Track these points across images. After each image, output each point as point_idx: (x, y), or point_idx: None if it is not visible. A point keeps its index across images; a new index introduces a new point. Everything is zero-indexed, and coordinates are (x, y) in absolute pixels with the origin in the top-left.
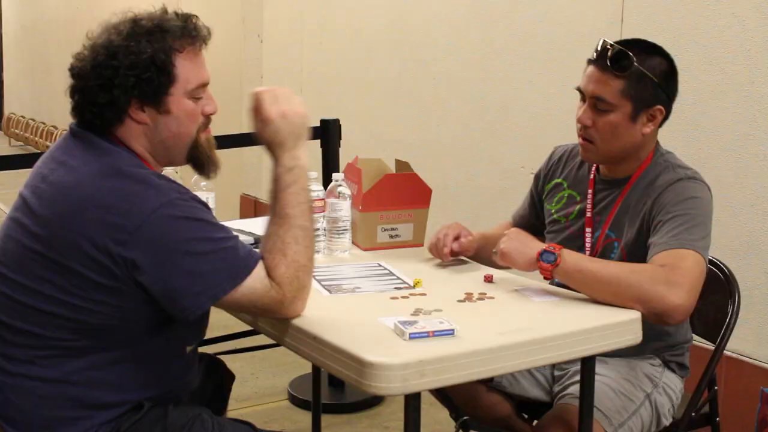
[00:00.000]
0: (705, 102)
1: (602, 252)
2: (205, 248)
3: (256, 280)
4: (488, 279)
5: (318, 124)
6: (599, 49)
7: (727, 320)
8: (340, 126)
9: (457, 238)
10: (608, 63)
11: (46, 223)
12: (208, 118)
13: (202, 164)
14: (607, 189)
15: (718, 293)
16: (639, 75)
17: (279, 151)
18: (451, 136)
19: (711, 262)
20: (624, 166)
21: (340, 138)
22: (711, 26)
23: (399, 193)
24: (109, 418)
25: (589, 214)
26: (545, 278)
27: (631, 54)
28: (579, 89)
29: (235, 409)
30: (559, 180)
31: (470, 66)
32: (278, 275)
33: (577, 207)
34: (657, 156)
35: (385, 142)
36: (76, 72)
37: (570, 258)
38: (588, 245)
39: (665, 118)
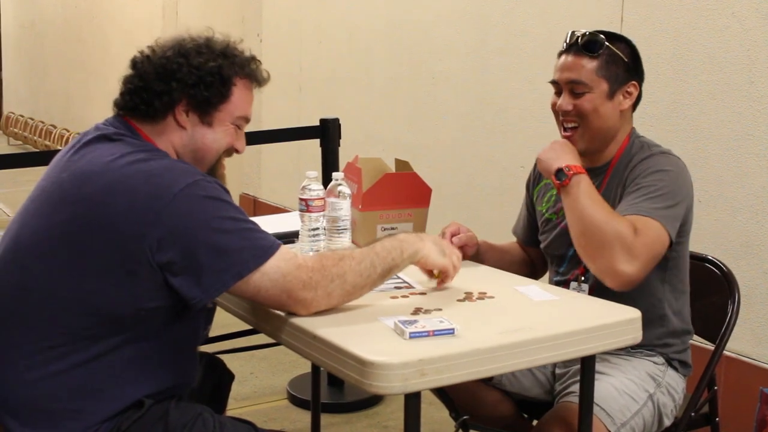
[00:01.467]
0: (704, 102)
1: None
2: (230, 226)
3: (280, 260)
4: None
5: (317, 124)
6: (569, 38)
7: (727, 320)
8: (339, 125)
9: (454, 235)
10: (581, 47)
11: (70, 208)
12: (232, 151)
13: None
14: (591, 179)
15: (718, 293)
16: (611, 55)
17: (418, 241)
18: (450, 136)
19: (711, 261)
20: (604, 152)
21: (339, 137)
22: (711, 26)
23: (399, 193)
24: (111, 413)
25: None
26: (557, 192)
27: (602, 36)
28: (553, 82)
29: (234, 409)
30: (547, 181)
31: (469, 65)
32: (321, 262)
33: None
34: (633, 138)
35: (383, 142)
36: (138, 61)
37: (576, 184)
38: None
39: (639, 97)
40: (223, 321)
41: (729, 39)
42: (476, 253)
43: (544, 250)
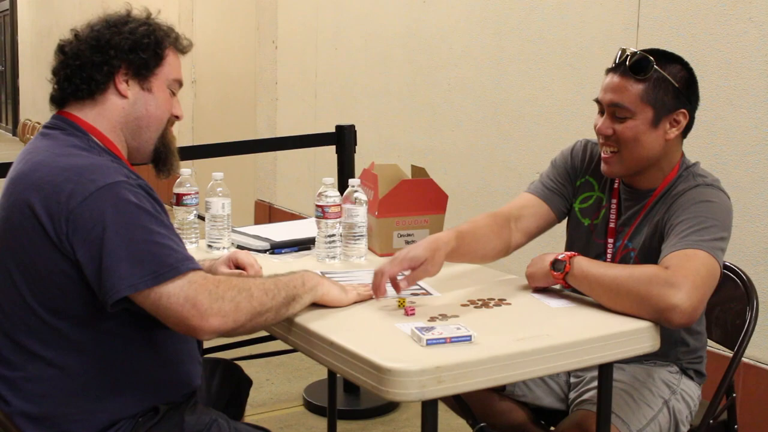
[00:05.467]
0: (722, 107)
1: (620, 262)
2: (137, 236)
3: (177, 287)
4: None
5: (333, 130)
6: (618, 56)
7: (746, 327)
8: (355, 132)
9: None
10: (628, 68)
11: (4, 213)
12: (174, 118)
13: (166, 157)
14: (632, 200)
15: (737, 300)
16: (659, 79)
17: (317, 277)
18: (466, 142)
19: (729, 268)
20: (649, 176)
21: (355, 144)
22: (727, 31)
23: (415, 199)
24: (111, 421)
25: (612, 225)
26: (565, 287)
27: (651, 58)
28: (597, 101)
29: (250, 415)
30: (591, 179)
31: (484, 71)
32: (227, 276)
33: (602, 212)
34: (681, 169)
35: (399, 148)
36: (66, 45)
37: (578, 264)
38: (609, 255)
39: (689, 125)
40: None
41: (746, 44)
42: (449, 255)
43: (569, 247)
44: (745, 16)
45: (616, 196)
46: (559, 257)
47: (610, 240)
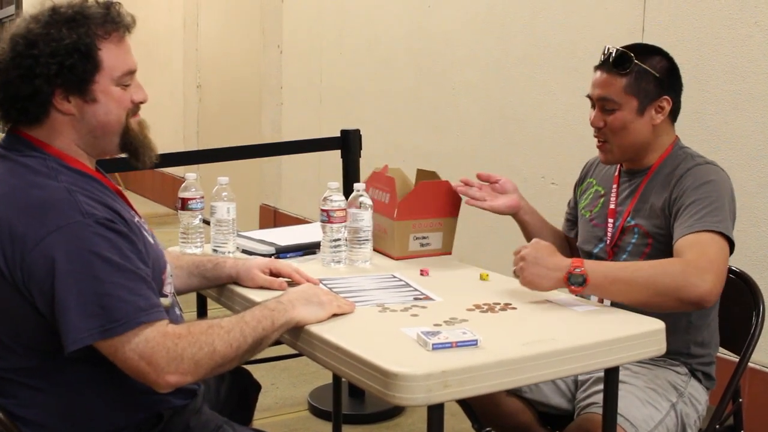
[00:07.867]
0: (727, 112)
1: (621, 238)
2: (87, 287)
3: (132, 343)
4: (424, 273)
5: (338, 135)
6: (603, 54)
7: (752, 331)
8: (360, 136)
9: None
10: (611, 64)
11: None
12: (137, 105)
13: (136, 150)
14: (629, 180)
15: (742, 304)
16: (640, 72)
17: (290, 308)
18: (471, 146)
19: (735, 272)
20: (644, 158)
21: (360, 148)
22: (733, 35)
23: (432, 202)
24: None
25: (612, 206)
26: (575, 293)
27: (631, 54)
28: (588, 96)
29: (255, 420)
30: (590, 180)
31: (489, 75)
32: (188, 329)
33: (601, 200)
34: (676, 148)
35: (404, 152)
36: None
37: (597, 272)
38: (609, 235)
39: (676, 109)
40: None
41: (752, 48)
42: (517, 213)
43: (578, 246)
44: (750, 21)
45: (616, 182)
46: (574, 271)
47: (610, 220)
